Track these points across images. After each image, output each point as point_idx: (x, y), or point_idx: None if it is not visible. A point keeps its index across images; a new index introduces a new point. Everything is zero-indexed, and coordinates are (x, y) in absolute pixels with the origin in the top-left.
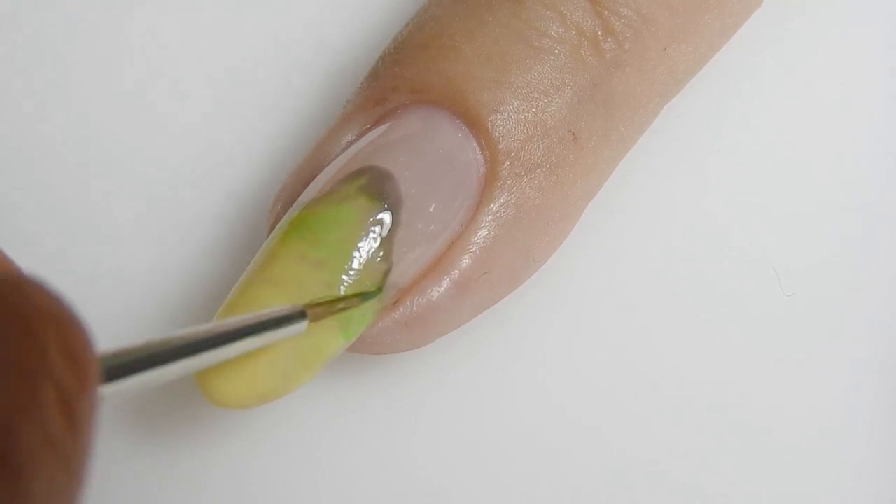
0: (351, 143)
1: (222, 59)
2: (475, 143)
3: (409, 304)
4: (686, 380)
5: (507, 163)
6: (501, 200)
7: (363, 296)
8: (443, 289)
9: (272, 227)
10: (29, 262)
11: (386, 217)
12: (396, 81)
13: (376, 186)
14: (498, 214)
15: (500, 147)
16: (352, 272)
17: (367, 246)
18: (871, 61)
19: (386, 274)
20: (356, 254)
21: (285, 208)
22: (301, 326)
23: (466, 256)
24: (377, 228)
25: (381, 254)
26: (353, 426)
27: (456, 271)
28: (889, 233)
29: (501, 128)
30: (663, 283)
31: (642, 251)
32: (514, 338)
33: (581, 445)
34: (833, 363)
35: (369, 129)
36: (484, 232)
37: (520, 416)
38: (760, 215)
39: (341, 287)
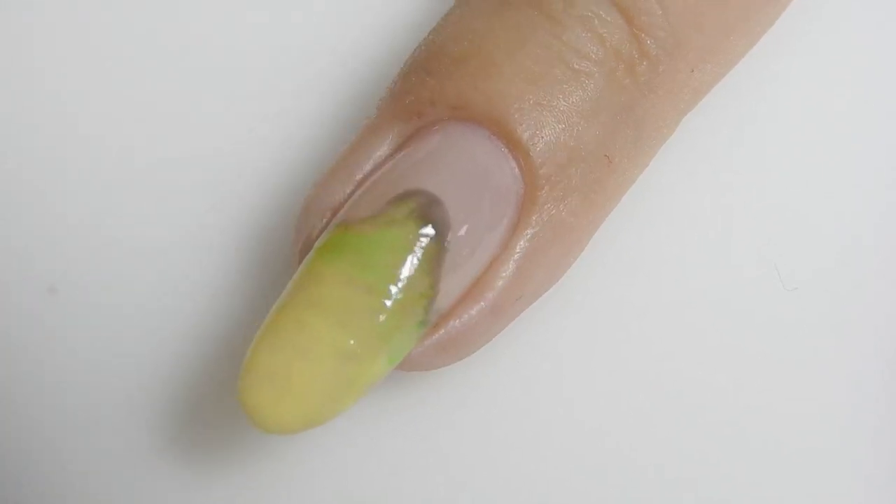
0: (387, 157)
1: (235, 63)
2: (514, 165)
3: (447, 327)
4: (694, 382)
5: (547, 187)
6: (538, 225)
7: None
8: (478, 312)
9: (304, 241)
10: (44, 271)
11: (434, 244)
12: (434, 95)
13: (426, 211)
14: (534, 238)
15: (541, 172)
16: (399, 299)
17: (417, 273)
18: (874, 64)
19: (432, 301)
20: (405, 280)
21: (318, 219)
22: None
23: (502, 280)
24: (426, 255)
25: (429, 282)
26: (363, 433)
27: (491, 295)
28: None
29: (542, 152)
30: (672, 286)
31: (651, 253)
32: (526, 342)
33: (590, 448)
34: (841, 363)
35: (406, 143)
36: (519, 255)
37: (530, 420)
38: (768, 217)
39: (389, 314)
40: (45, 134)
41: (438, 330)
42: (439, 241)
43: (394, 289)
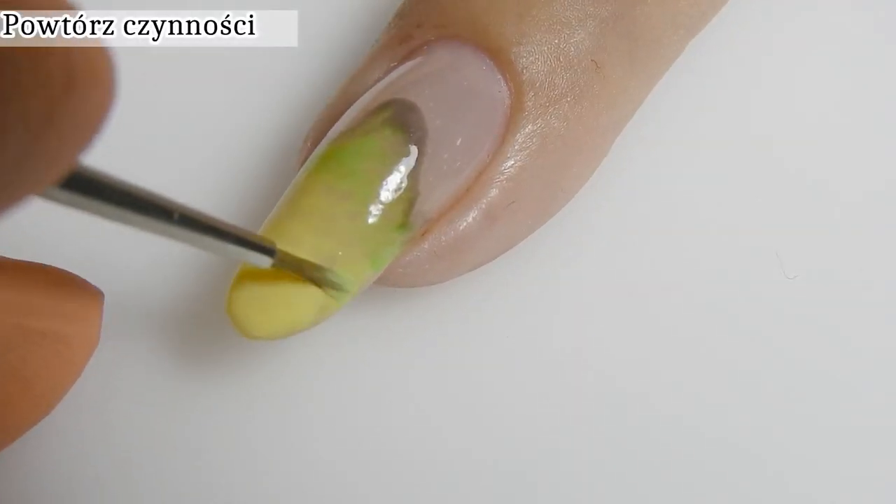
0: (378, 80)
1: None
2: (500, 76)
3: (437, 234)
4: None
5: (532, 94)
6: (527, 131)
7: (331, 278)
8: (471, 219)
9: (302, 164)
10: None
11: (411, 148)
12: (421, 18)
13: (400, 118)
14: (524, 145)
15: (524, 78)
16: (378, 202)
17: (393, 176)
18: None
19: (412, 204)
20: (382, 184)
21: (315, 144)
22: (264, 261)
23: (494, 187)
24: (402, 159)
25: (407, 184)
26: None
27: (484, 201)
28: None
29: (525, 60)
30: (671, 273)
31: (649, 240)
32: (523, 322)
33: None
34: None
35: (396, 66)
36: (510, 162)
37: (523, 406)
38: (771, 204)
39: (368, 217)
40: None
41: (429, 237)
42: (417, 145)
43: (371, 193)
